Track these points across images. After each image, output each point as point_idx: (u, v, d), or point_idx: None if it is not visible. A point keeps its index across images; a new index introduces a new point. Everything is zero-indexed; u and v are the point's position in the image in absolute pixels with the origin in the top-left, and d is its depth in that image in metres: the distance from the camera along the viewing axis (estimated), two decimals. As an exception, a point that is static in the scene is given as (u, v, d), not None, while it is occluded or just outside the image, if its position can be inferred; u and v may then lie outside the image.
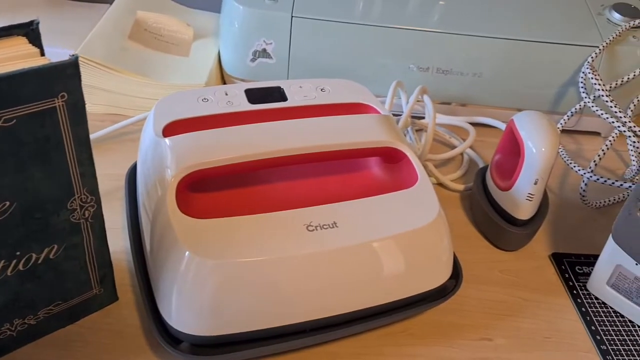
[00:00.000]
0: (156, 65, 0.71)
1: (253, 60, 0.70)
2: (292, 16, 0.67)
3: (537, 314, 0.54)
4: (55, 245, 0.42)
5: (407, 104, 0.66)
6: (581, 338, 0.52)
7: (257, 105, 0.51)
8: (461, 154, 0.69)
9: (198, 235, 0.43)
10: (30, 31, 0.37)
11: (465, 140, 0.68)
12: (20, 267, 0.41)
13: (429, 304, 0.50)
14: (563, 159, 0.67)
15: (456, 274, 0.51)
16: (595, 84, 0.66)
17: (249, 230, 0.43)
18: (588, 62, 0.68)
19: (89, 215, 0.42)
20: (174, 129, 0.48)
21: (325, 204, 0.46)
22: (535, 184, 0.54)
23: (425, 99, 0.66)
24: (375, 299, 0.47)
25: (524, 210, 0.56)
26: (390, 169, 0.52)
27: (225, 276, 0.42)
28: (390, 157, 0.51)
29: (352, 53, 0.69)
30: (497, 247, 0.59)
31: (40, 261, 0.41)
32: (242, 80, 0.72)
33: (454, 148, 0.69)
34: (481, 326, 0.52)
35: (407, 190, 0.49)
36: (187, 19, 0.79)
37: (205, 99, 0.51)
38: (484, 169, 0.62)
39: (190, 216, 0.43)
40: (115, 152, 0.63)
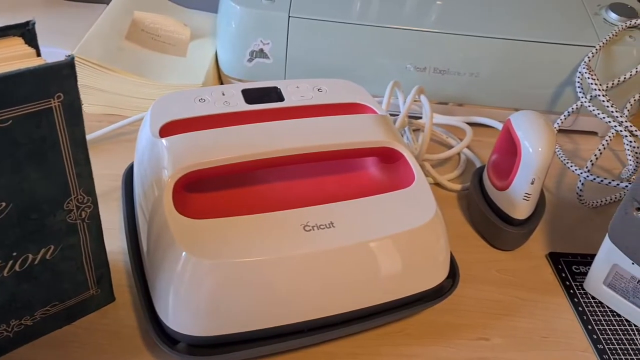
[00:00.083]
0: (153, 65, 0.71)
1: (250, 60, 0.70)
2: (289, 16, 0.67)
3: (534, 314, 0.54)
4: (52, 246, 0.42)
5: (404, 104, 0.66)
6: (578, 337, 0.52)
7: (254, 106, 0.51)
8: (458, 154, 0.69)
9: (195, 236, 0.43)
10: (26, 32, 0.37)
11: (462, 140, 0.68)
12: (16, 268, 0.41)
13: (426, 304, 0.50)
14: (560, 158, 0.68)
15: (453, 273, 0.51)
16: (591, 84, 0.66)
17: (246, 231, 0.43)
18: (585, 62, 0.68)
19: (86, 215, 0.42)
20: (170, 129, 0.48)
21: (322, 204, 0.46)
22: (532, 183, 0.54)
23: (422, 99, 0.66)
24: (372, 299, 0.47)
25: (520, 210, 0.56)
26: (387, 169, 0.52)
27: (222, 276, 0.42)
28: (387, 157, 0.51)
29: (349, 53, 0.69)
30: (494, 247, 0.59)
31: (36, 262, 0.41)
32: (239, 81, 0.72)
33: (451, 148, 0.69)
34: (478, 326, 0.52)
35: (404, 190, 0.49)
36: (184, 19, 0.78)
37: (202, 99, 0.51)
38: (481, 169, 0.62)
39: (187, 216, 0.43)
40: (112, 153, 0.63)
